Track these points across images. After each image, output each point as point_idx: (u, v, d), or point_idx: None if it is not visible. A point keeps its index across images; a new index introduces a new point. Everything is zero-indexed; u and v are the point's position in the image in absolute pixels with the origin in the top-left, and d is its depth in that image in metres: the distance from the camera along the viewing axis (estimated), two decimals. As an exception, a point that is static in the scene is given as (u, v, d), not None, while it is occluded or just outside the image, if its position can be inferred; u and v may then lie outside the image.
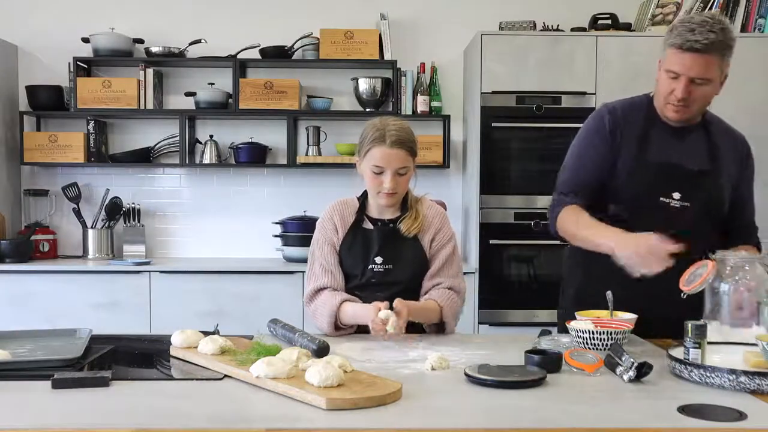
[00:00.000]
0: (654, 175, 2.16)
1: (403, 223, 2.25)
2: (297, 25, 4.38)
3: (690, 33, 2.02)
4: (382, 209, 2.28)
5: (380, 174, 2.18)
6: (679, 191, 2.15)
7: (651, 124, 2.21)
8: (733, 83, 3.95)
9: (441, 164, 4.34)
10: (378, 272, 2.22)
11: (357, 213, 2.30)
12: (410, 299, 2.22)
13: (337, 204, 2.35)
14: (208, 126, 4.50)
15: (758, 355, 1.66)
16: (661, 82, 2.14)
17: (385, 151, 2.16)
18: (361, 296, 2.21)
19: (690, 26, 2.03)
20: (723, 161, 2.20)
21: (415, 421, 1.38)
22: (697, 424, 1.35)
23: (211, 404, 1.48)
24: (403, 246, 2.24)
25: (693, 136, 2.21)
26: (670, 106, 2.13)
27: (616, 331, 1.88)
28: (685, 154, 2.18)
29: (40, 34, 4.46)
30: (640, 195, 2.16)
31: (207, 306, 3.91)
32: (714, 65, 2.05)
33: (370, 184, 2.22)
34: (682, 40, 2.02)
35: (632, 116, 2.23)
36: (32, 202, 4.41)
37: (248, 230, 4.47)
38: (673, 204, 2.15)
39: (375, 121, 2.23)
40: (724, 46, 2.04)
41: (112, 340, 2.03)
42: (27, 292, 3.93)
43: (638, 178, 2.17)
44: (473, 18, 4.43)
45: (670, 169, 2.17)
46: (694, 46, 2.01)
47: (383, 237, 2.24)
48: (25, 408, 1.46)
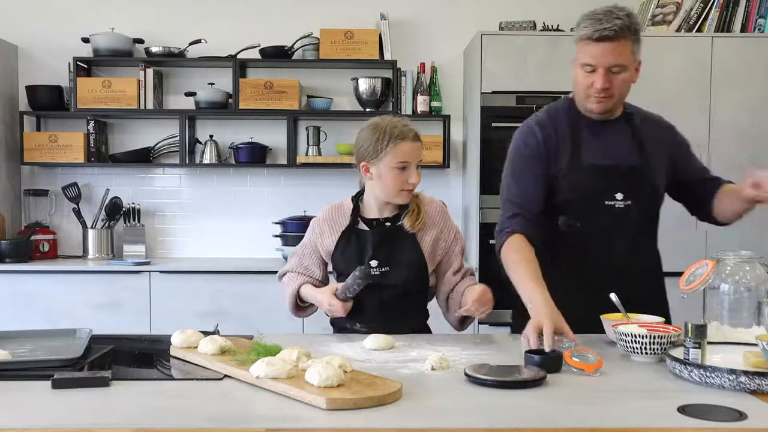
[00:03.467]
0: (593, 179, 2.16)
1: (407, 219, 2.22)
2: (297, 25, 4.38)
3: (598, 23, 2.05)
4: (382, 208, 2.25)
5: (404, 170, 2.16)
6: (620, 191, 2.16)
7: (577, 127, 2.22)
8: (733, 83, 3.99)
9: (441, 164, 4.34)
10: (375, 275, 2.19)
11: (351, 216, 2.27)
12: (407, 302, 2.24)
13: (329, 210, 2.33)
14: (208, 126, 4.50)
15: (758, 355, 1.66)
16: (579, 79, 2.15)
17: (410, 146, 2.16)
18: (358, 300, 2.18)
19: (596, 17, 2.06)
20: (651, 153, 2.21)
21: (415, 421, 1.37)
22: (697, 424, 1.35)
23: (211, 404, 1.48)
24: (400, 247, 2.22)
25: (617, 130, 2.22)
26: (592, 98, 2.14)
27: (672, 335, 1.82)
28: (616, 152, 2.19)
29: (40, 34, 4.46)
30: (584, 201, 2.16)
31: (207, 306, 3.91)
32: (626, 50, 2.08)
33: (393, 182, 2.16)
34: (592, 31, 2.05)
35: (559, 123, 2.24)
36: (32, 202, 4.41)
37: (248, 230, 4.47)
38: (618, 205, 2.16)
39: (380, 122, 2.19)
40: (633, 30, 2.07)
41: (112, 340, 2.03)
42: (27, 292, 3.93)
43: (579, 185, 2.17)
44: (473, 18, 4.43)
45: (607, 169, 2.17)
46: (605, 34, 2.04)
47: (379, 239, 2.22)
48: (25, 408, 1.46)
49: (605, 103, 2.14)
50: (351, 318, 2.21)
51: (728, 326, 1.89)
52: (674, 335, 1.81)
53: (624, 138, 2.21)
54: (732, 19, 4.08)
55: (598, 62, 2.07)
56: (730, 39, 4.03)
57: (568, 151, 2.19)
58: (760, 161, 4.02)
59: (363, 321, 2.20)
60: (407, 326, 2.21)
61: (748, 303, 1.88)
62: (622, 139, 2.21)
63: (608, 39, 2.04)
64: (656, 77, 3.97)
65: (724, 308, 1.90)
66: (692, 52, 4.00)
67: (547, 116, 2.29)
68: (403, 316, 2.23)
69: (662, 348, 1.79)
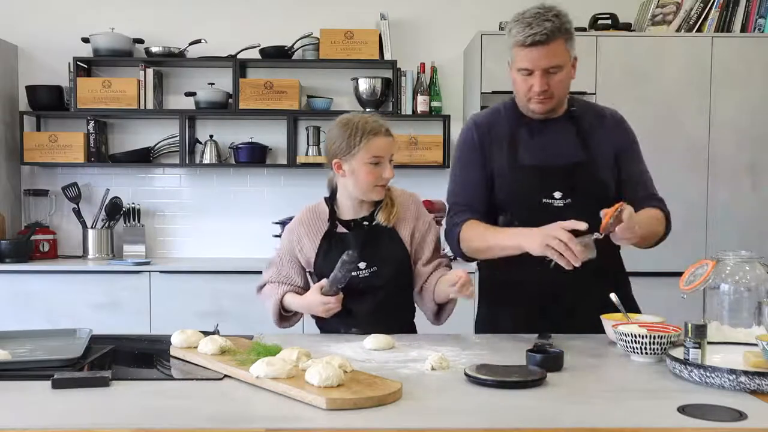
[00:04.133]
0: (530, 178, 2.17)
1: (381, 214, 2.20)
2: (297, 25, 4.38)
3: (528, 28, 2.05)
4: (357, 207, 2.22)
5: (378, 165, 2.14)
6: (559, 189, 2.15)
7: (517, 126, 2.22)
8: (733, 83, 3.99)
9: (441, 164, 4.34)
10: (364, 278, 2.17)
11: (328, 220, 2.23)
12: (399, 299, 2.24)
13: (304, 214, 2.29)
14: (208, 126, 4.50)
15: (758, 355, 1.66)
16: (517, 82, 2.15)
17: (383, 141, 2.15)
18: (348, 305, 2.17)
19: (526, 21, 2.06)
20: (596, 148, 2.19)
21: (415, 421, 1.37)
22: (697, 424, 1.35)
23: (211, 404, 1.48)
24: (384, 244, 2.20)
25: (559, 128, 2.21)
26: (532, 101, 2.14)
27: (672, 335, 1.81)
28: (556, 150, 2.18)
29: (40, 34, 4.46)
30: (521, 201, 2.17)
31: (207, 306, 3.91)
32: (560, 51, 2.08)
33: (367, 178, 2.15)
34: (524, 37, 2.05)
35: (497, 123, 2.25)
36: (32, 202, 4.42)
37: (248, 230, 4.47)
38: (556, 204, 2.15)
39: (351, 118, 2.18)
40: (564, 30, 2.07)
41: (112, 340, 2.03)
42: (27, 292, 3.93)
43: (516, 184, 2.18)
44: (473, 18, 4.44)
45: (545, 168, 2.17)
46: (536, 39, 2.04)
47: (362, 239, 2.19)
48: (25, 408, 1.46)
49: (546, 104, 2.14)
50: (344, 323, 2.19)
51: (728, 326, 1.89)
52: (674, 335, 1.81)
53: (567, 135, 2.20)
54: (732, 19, 4.08)
55: (533, 66, 2.08)
56: (730, 39, 4.03)
57: (504, 151, 2.20)
58: (761, 162, 4.03)
59: (358, 324, 2.18)
60: (400, 323, 2.21)
61: (748, 303, 1.88)
62: (565, 136, 2.20)
63: (540, 43, 2.05)
64: (656, 77, 3.97)
65: (724, 308, 1.90)
66: (692, 52, 4.01)
67: (485, 115, 2.31)
68: (395, 313, 2.23)
69: (662, 348, 1.79)
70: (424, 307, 2.25)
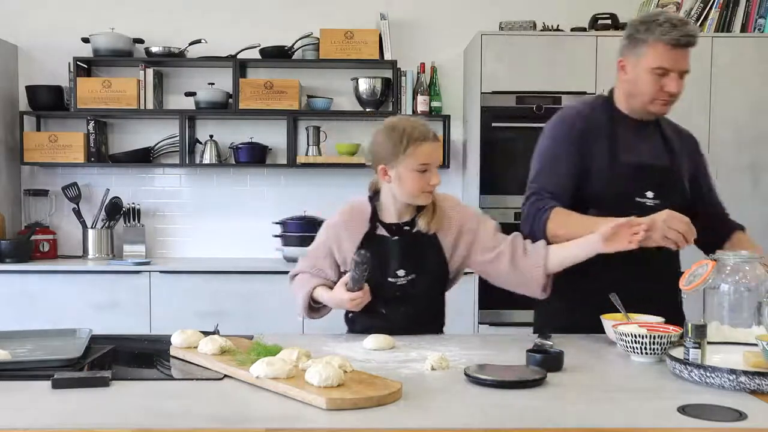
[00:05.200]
0: (628, 176, 2.18)
1: (422, 219, 2.15)
2: (297, 25, 4.38)
3: (677, 30, 2.07)
4: (401, 211, 2.17)
5: (425, 172, 2.09)
6: (652, 190, 2.18)
7: (615, 124, 2.23)
8: (733, 83, 3.98)
9: (441, 164, 4.33)
10: (401, 285, 2.14)
11: (370, 221, 2.19)
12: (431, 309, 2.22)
13: (346, 212, 2.23)
14: (208, 126, 4.50)
15: (758, 355, 1.66)
16: (645, 82, 2.14)
17: (430, 147, 2.09)
18: (384, 311, 2.16)
19: (672, 22, 2.08)
20: (678, 155, 2.25)
21: (415, 421, 1.37)
22: (697, 424, 1.35)
23: (211, 404, 1.48)
24: (424, 251, 2.16)
25: (650, 132, 2.24)
26: (658, 102, 2.15)
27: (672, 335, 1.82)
28: (649, 152, 2.21)
29: (40, 34, 4.46)
30: (617, 197, 2.17)
31: (207, 306, 3.90)
32: (689, 57, 2.13)
33: (415, 185, 2.09)
34: (678, 36, 2.07)
35: (597, 118, 2.25)
36: (32, 202, 4.41)
37: (248, 230, 4.47)
38: (648, 203, 2.16)
39: (397, 123, 2.11)
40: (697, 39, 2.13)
41: (112, 340, 2.03)
42: (27, 292, 3.93)
43: (614, 180, 2.18)
44: (473, 18, 4.43)
45: (642, 168, 2.19)
46: (688, 41, 2.08)
47: (403, 246, 2.15)
48: (25, 408, 1.46)
49: (668, 106, 2.17)
50: (376, 327, 2.16)
51: (728, 326, 1.89)
52: (674, 335, 1.81)
53: (655, 140, 2.24)
54: (732, 19, 4.08)
55: (674, 66, 2.09)
56: (730, 39, 4.03)
57: (604, 147, 2.20)
58: (761, 162, 4.03)
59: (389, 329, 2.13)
60: (431, 331, 2.20)
61: (747, 303, 1.88)
62: (654, 140, 2.24)
63: (688, 45, 2.09)
64: (656, 77, 3.97)
65: (724, 308, 1.90)
66: (692, 52, 3.99)
67: (585, 109, 2.29)
68: (428, 321, 2.22)
69: (662, 348, 1.80)
70: (525, 283, 2.14)
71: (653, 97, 2.15)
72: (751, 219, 4.25)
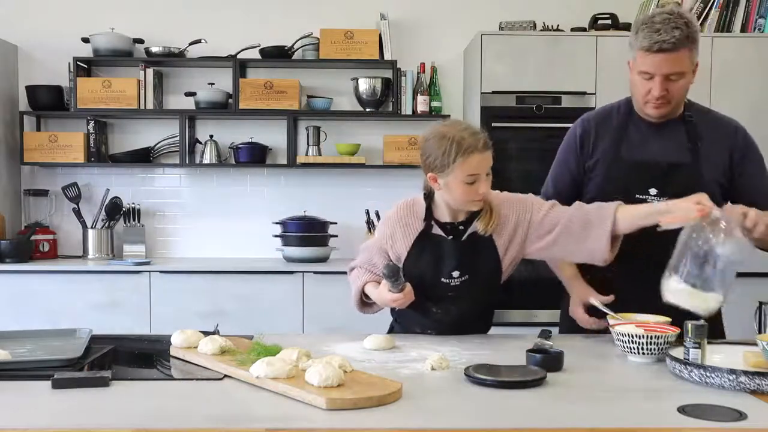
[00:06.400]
0: (628, 173, 2.19)
1: (480, 222, 2.12)
2: (297, 25, 4.38)
3: (656, 34, 2.04)
4: (455, 212, 2.15)
5: (474, 183, 2.04)
6: (655, 186, 2.16)
7: (627, 123, 2.24)
8: (733, 83, 3.99)
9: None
10: (455, 286, 2.14)
11: (425, 219, 2.16)
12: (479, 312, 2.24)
13: (401, 210, 2.21)
14: (208, 126, 4.50)
15: (758, 355, 1.67)
16: (636, 84, 2.16)
17: (479, 158, 2.03)
18: (435, 310, 2.16)
19: (654, 27, 2.04)
20: (706, 151, 2.19)
21: (415, 421, 1.38)
22: (697, 424, 1.35)
23: (211, 404, 1.48)
24: (479, 254, 2.13)
25: (670, 130, 2.22)
26: (649, 104, 2.15)
27: (669, 335, 1.82)
28: (662, 149, 2.20)
29: (40, 34, 4.46)
30: (616, 193, 2.17)
31: (207, 306, 3.90)
32: (684, 59, 2.07)
33: (464, 194, 2.05)
34: (650, 43, 2.04)
35: (609, 119, 2.28)
36: (32, 202, 4.41)
37: (248, 230, 4.47)
38: (650, 200, 2.16)
39: (446, 131, 2.06)
40: (691, 40, 2.06)
41: (112, 340, 2.03)
42: (27, 292, 3.93)
43: (614, 177, 2.21)
44: (473, 18, 4.43)
45: (645, 165, 2.19)
46: (663, 47, 2.03)
47: (459, 248, 2.13)
48: (25, 408, 1.46)
49: (662, 108, 2.15)
50: (422, 324, 2.18)
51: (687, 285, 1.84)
52: (671, 335, 1.81)
53: (676, 137, 2.21)
54: (732, 19, 4.08)
55: (655, 71, 2.08)
56: (730, 39, 4.03)
57: (608, 145, 2.23)
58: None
59: (435, 328, 2.17)
60: (477, 332, 2.21)
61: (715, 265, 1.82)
62: (673, 138, 2.21)
63: (666, 51, 2.04)
64: (656, 77, 3.97)
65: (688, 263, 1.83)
66: (692, 52, 4.00)
67: (597, 111, 2.36)
68: (474, 324, 2.22)
69: (659, 348, 1.80)
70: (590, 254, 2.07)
71: (644, 100, 2.15)
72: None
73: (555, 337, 2.01)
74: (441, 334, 2.15)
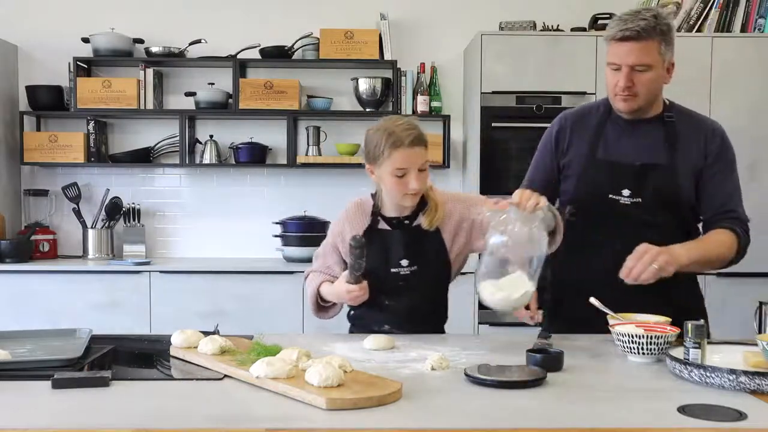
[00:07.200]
0: (602, 173, 2.20)
1: (424, 218, 2.18)
2: (297, 25, 4.38)
3: (623, 23, 2.08)
4: (399, 207, 2.20)
5: (403, 176, 2.10)
6: (628, 187, 2.17)
7: (605, 122, 2.25)
8: (733, 83, 3.99)
9: (441, 164, 4.34)
10: (405, 275, 2.17)
11: (371, 215, 2.22)
12: (433, 303, 2.23)
13: (350, 208, 2.28)
14: (208, 126, 4.50)
15: (758, 355, 1.67)
16: (607, 77, 2.19)
17: (406, 152, 2.08)
18: (387, 302, 2.18)
19: (623, 18, 2.09)
20: (682, 153, 2.19)
21: (415, 421, 1.37)
22: (697, 424, 1.35)
23: (211, 404, 1.48)
24: (426, 243, 2.18)
25: (649, 130, 2.21)
26: (617, 97, 2.16)
27: (669, 335, 1.82)
28: (638, 149, 2.20)
29: (40, 34, 4.46)
30: (589, 194, 2.19)
31: (207, 306, 3.90)
32: (652, 50, 2.09)
33: (394, 188, 2.11)
34: (616, 31, 2.09)
35: (588, 117, 2.29)
36: (32, 202, 4.42)
37: (248, 230, 4.47)
38: (623, 201, 2.17)
39: (383, 125, 2.14)
40: (658, 32, 2.08)
41: (112, 340, 2.03)
42: (27, 292, 3.93)
43: (588, 177, 2.22)
44: (473, 18, 4.43)
45: (618, 165, 2.19)
46: (627, 34, 2.06)
47: (405, 238, 2.18)
48: (25, 408, 1.46)
49: (630, 102, 2.15)
50: (377, 320, 2.19)
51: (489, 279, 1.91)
52: (671, 335, 1.81)
53: (653, 138, 2.20)
54: (732, 19, 4.08)
55: (621, 61, 2.10)
56: (730, 39, 4.03)
57: (583, 144, 2.24)
58: (761, 162, 4.03)
59: (391, 322, 2.18)
60: (432, 327, 2.21)
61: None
62: (650, 139, 2.20)
63: (631, 39, 2.07)
64: (656, 77, 3.97)
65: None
66: (692, 52, 4.00)
67: (576, 109, 2.38)
68: (429, 315, 2.23)
69: (659, 348, 1.80)
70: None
71: (613, 93, 2.17)
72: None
73: (555, 337, 2.01)
74: (398, 329, 2.15)
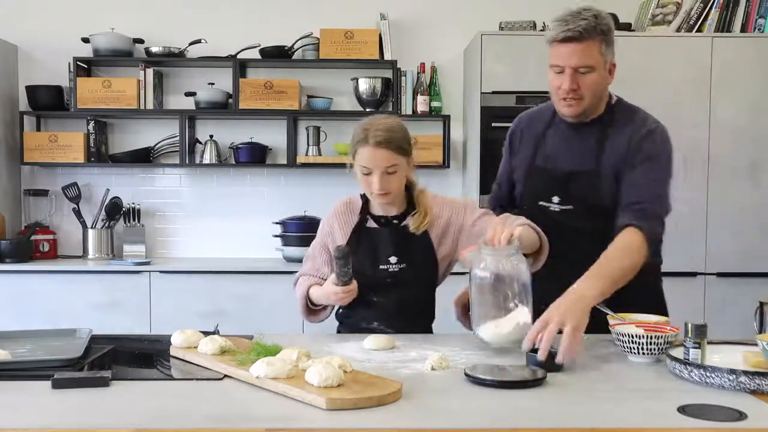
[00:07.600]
0: (536, 180, 2.22)
1: (413, 220, 2.20)
2: (297, 25, 4.38)
3: (564, 24, 2.05)
4: (386, 206, 2.23)
5: (368, 175, 2.13)
6: (557, 194, 2.17)
7: (549, 127, 2.25)
8: (733, 83, 3.99)
9: (441, 164, 4.34)
10: (393, 272, 2.18)
11: (360, 213, 2.25)
12: (420, 301, 2.24)
13: (339, 207, 2.31)
14: (208, 126, 4.50)
15: (758, 355, 1.67)
16: (550, 81, 2.15)
17: (369, 152, 2.10)
18: (376, 299, 2.19)
19: (563, 19, 2.06)
20: (609, 156, 2.14)
21: (415, 421, 1.38)
22: (697, 424, 1.35)
23: (211, 404, 1.48)
24: (414, 242, 2.19)
25: (585, 133, 2.19)
26: (561, 101, 2.14)
27: (669, 335, 1.81)
28: (569, 155, 2.19)
29: (40, 34, 4.46)
30: (524, 200, 2.22)
31: (207, 306, 3.90)
32: (593, 51, 2.06)
33: (362, 184, 2.18)
34: (557, 33, 2.06)
35: (536, 121, 2.30)
36: (32, 202, 4.42)
37: (248, 230, 4.47)
38: (553, 208, 2.17)
39: (364, 121, 2.17)
40: (599, 31, 2.06)
41: (112, 340, 2.03)
42: (27, 292, 3.93)
43: (528, 183, 2.25)
44: (473, 18, 4.43)
45: (549, 172, 2.21)
46: (569, 35, 2.04)
47: (394, 236, 2.20)
48: (25, 408, 1.46)
49: (576, 106, 2.12)
50: (366, 317, 2.20)
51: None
52: (671, 335, 1.81)
53: (588, 141, 2.18)
54: (732, 19, 4.08)
55: (564, 63, 2.08)
56: (730, 39, 4.03)
57: (529, 150, 2.27)
58: (761, 161, 4.03)
59: (379, 319, 2.19)
60: (420, 325, 2.22)
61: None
62: (585, 142, 2.18)
63: (573, 40, 2.04)
64: (656, 77, 3.97)
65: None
66: (692, 52, 4.00)
67: (530, 111, 2.39)
68: (417, 313, 2.24)
69: (659, 348, 1.80)
70: None
71: (557, 97, 2.14)
72: (751, 219, 4.25)
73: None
74: (387, 326, 2.16)
